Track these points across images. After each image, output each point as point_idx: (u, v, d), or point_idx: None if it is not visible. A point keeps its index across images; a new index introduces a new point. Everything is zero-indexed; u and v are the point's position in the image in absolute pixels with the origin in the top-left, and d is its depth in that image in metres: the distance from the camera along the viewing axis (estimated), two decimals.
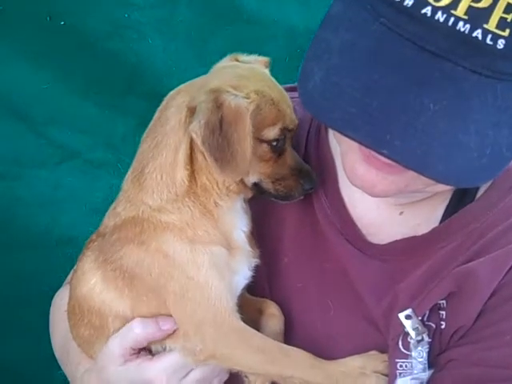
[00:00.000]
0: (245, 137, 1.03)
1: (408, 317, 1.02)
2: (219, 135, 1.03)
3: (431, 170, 0.82)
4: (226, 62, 1.18)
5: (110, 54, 1.87)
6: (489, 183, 1.08)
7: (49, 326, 1.36)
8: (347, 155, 1.00)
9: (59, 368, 1.30)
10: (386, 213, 1.14)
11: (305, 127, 1.23)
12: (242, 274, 1.12)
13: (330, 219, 1.15)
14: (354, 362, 1.05)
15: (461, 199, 1.09)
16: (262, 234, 1.18)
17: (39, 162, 1.98)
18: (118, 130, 1.98)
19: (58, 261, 1.87)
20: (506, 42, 0.78)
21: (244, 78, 1.08)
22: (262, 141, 1.07)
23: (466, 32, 0.79)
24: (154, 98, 1.13)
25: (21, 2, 1.84)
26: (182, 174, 1.08)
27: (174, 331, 1.08)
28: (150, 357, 1.10)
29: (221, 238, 1.10)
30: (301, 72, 0.90)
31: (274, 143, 1.08)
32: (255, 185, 1.12)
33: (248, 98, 1.04)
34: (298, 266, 1.16)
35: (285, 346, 1.08)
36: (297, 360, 1.05)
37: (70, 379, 1.25)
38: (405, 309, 1.03)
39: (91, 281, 1.12)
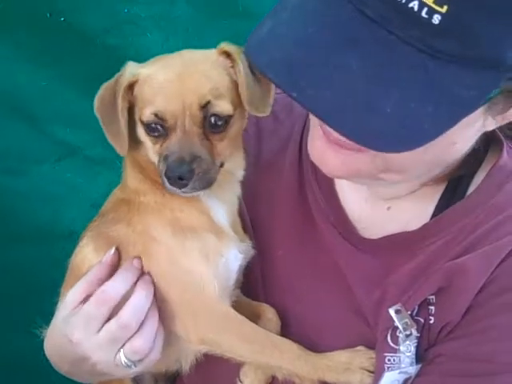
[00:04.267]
0: (117, 111, 1.06)
1: (397, 311, 1.02)
2: (113, 106, 1.07)
3: (339, 125, 0.82)
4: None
5: (110, 49, 1.89)
6: (479, 180, 1.08)
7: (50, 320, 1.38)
8: (310, 131, 1.03)
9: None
10: (373, 207, 1.14)
11: (300, 122, 1.24)
12: (232, 256, 1.12)
13: (323, 212, 1.16)
14: (340, 357, 1.06)
15: (451, 196, 1.09)
16: (255, 226, 1.19)
17: (40, 158, 2.00)
18: None
19: (59, 255, 1.86)
20: (442, 18, 0.77)
21: (159, 61, 1.09)
22: (141, 121, 1.08)
23: (403, 1, 0.78)
24: None
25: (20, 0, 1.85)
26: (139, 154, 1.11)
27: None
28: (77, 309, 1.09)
29: (202, 220, 1.11)
30: (257, 25, 0.91)
31: (149, 128, 1.06)
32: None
33: (132, 76, 1.07)
34: (291, 258, 1.17)
35: (274, 335, 1.09)
36: (284, 351, 1.06)
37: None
38: (394, 303, 1.03)
39: (85, 251, 1.16)
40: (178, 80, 1.03)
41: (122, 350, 1.05)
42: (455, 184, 1.10)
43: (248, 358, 1.08)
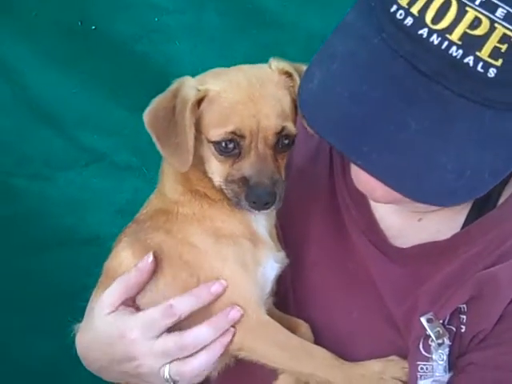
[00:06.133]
0: (184, 128, 1.03)
1: (429, 320, 1.03)
2: (170, 122, 1.04)
3: (402, 187, 0.84)
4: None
5: (139, 57, 1.90)
6: (510, 190, 1.08)
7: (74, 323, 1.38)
8: None
9: (85, 369, 1.32)
10: (404, 218, 1.15)
11: None
12: (268, 265, 1.13)
13: (354, 220, 1.16)
14: (373, 367, 1.06)
15: (482, 206, 1.09)
16: (286, 234, 1.19)
17: (67, 164, 2.02)
18: (144, 133, 1.99)
19: (84, 259, 1.91)
20: (497, 71, 0.79)
21: (220, 76, 1.08)
22: (208, 140, 1.07)
23: (458, 57, 0.80)
24: None
25: (53, 7, 1.88)
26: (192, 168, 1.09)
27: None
28: (132, 310, 1.10)
29: (242, 229, 1.12)
30: (304, 74, 0.93)
31: (221, 147, 1.05)
32: (220, 187, 1.11)
33: (198, 91, 1.05)
34: (322, 266, 1.18)
35: (308, 343, 1.09)
36: (318, 359, 1.06)
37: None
38: (426, 312, 1.04)
39: (122, 256, 1.16)
40: (251, 102, 1.03)
41: (169, 365, 1.05)
42: (486, 194, 1.09)
43: (282, 365, 1.08)
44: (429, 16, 0.81)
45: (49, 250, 2.06)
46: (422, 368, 1.02)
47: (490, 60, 0.79)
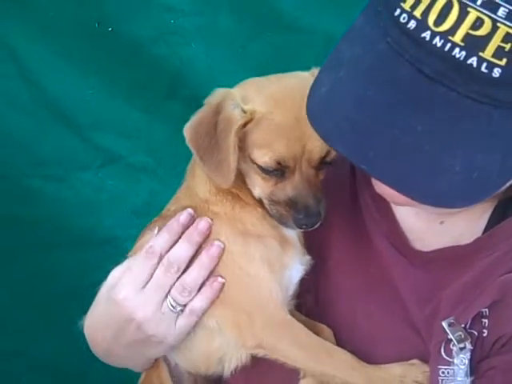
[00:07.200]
0: (228, 149, 1.03)
1: (451, 324, 1.03)
2: (212, 139, 1.04)
3: (410, 190, 0.84)
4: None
5: (155, 59, 1.90)
6: None
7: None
8: None
9: (97, 367, 1.33)
10: (426, 221, 1.15)
11: None
12: (294, 268, 1.14)
13: (377, 223, 1.17)
14: (394, 370, 1.06)
15: (505, 210, 1.09)
16: (308, 237, 1.20)
17: (83, 165, 2.02)
18: (160, 134, 2.01)
19: (99, 260, 1.90)
20: (502, 70, 0.79)
21: (263, 92, 1.07)
22: (251, 160, 1.07)
23: (461, 58, 0.80)
24: (195, 103, 1.15)
25: (70, 8, 1.88)
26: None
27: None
28: None
29: (271, 231, 1.13)
30: (313, 82, 0.93)
31: (265, 167, 1.06)
32: (260, 199, 1.12)
33: (244, 112, 1.04)
34: (343, 268, 1.18)
35: (330, 345, 1.10)
36: (340, 360, 1.07)
37: None
38: (447, 316, 1.04)
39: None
40: (297, 124, 1.03)
41: (168, 296, 1.06)
42: (508, 198, 1.09)
43: (303, 365, 1.09)
44: (431, 18, 0.81)
45: (64, 251, 2.06)
46: (443, 372, 1.02)
47: (493, 60, 0.78)
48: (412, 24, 0.82)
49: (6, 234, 2.03)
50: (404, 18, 0.83)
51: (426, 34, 0.81)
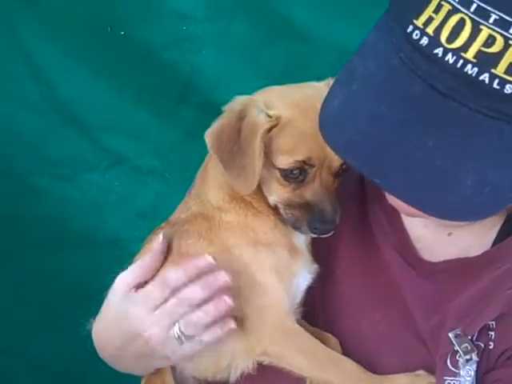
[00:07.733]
0: (253, 154, 1.04)
1: (458, 336, 1.03)
2: (235, 144, 1.05)
3: (421, 204, 0.85)
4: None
5: (166, 65, 1.91)
6: None
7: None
8: None
9: (97, 367, 1.32)
10: (434, 231, 1.15)
11: None
12: (302, 277, 1.15)
13: (386, 234, 1.17)
14: (400, 381, 1.06)
15: None
16: (317, 245, 1.20)
17: (90, 166, 2.03)
18: (168, 138, 2.02)
19: (104, 261, 1.91)
20: None
21: (285, 99, 1.08)
22: (275, 166, 1.08)
23: (474, 75, 0.80)
24: (205, 109, 1.16)
25: (83, 11, 1.90)
26: None
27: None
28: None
29: (282, 239, 1.14)
30: (326, 95, 0.95)
31: (287, 173, 1.07)
32: (275, 205, 1.13)
33: (269, 118, 1.05)
34: (350, 278, 1.19)
35: (336, 354, 1.10)
36: (345, 370, 1.07)
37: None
38: (454, 328, 1.04)
39: None
40: (320, 132, 1.02)
41: (177, 323, 1.05)
42: None
43: (308, 373, 1.09)
44: (444, 35, 0.82)
45: (68, 251, 2.07)
46: (449, 383, 1.03)
47: (505, 76, 0.79)
48: (424, 41, 0.83)
49: (11, 231, 2.04)
50: (416, 35, 0.84)
51: (439, 51, 0.82)
